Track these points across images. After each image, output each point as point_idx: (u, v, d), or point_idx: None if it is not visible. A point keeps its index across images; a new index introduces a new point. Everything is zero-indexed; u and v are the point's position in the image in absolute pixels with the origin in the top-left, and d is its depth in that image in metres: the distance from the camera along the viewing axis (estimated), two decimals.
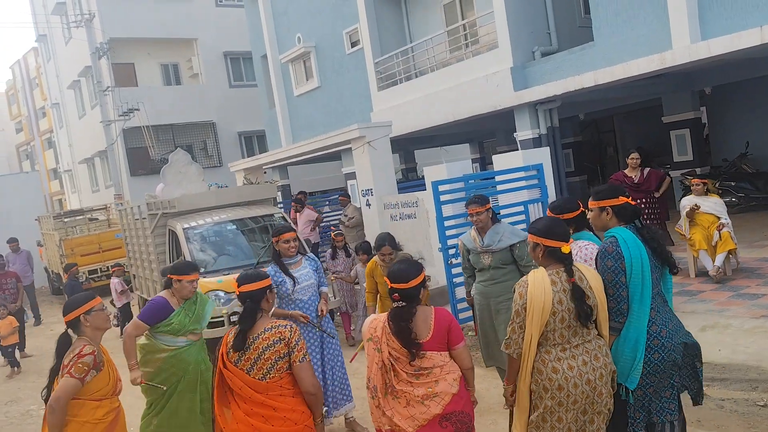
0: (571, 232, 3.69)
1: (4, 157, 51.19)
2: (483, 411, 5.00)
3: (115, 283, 10.74)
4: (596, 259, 3.41)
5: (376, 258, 5.68)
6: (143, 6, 23.09)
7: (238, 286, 3.45)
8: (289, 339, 3.29)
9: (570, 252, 3.25)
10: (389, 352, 3.28)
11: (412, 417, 3.22)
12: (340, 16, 15.87)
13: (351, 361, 5.47)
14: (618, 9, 9.85)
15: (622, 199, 3.46)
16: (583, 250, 3.72)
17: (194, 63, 24.70)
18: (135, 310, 11.14)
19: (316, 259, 5.48)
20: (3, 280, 10.74)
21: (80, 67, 24.45)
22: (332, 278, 7.71)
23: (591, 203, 3.59)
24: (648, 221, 8.28)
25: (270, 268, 5.05)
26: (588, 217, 3.70)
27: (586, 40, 10.66)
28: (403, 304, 3.32)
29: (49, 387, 3.54)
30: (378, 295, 5.80)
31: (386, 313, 3.40)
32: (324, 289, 5.37)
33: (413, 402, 3.23)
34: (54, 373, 3.52)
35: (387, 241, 5.57)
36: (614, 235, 3.38)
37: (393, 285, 3.33)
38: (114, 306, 10.85)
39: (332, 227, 12.13)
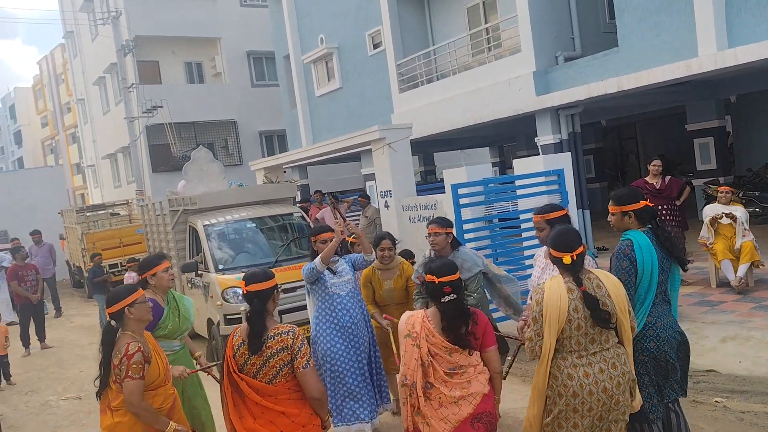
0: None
1: (30, 151, 52.07)
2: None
3: (131, 277, 10.98)
4: (611, 259, 3.56)
5: (374, 264, 5.38)
6: (169, 5, 23.35)
7: (246, 285, 3.37)
8: (291, 345, 3.24)
9: (572, 262, 3.26)
10: (428, 348, 3.28)
11: (445, 419, 3.23)
12: (363, 18, 15.92)
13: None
14: (643, 15, 9.77)
15: (642, 203, 3.62)
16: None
17: (217, 62, 24.92)
18: None
19: (353, 254, 5.39)
20: (24, 272, 10.94)
21: (106, 63, 24.79)
22: None
23: (613, 208, 3.70)
24: (669, 229, 8.20)
25: (306, 266, 4.99)
26: (609, 219, 3.81)
27: (610, 46, 10.58)
28: (455, 296, 3.31)
29: (102, 380, 3.55)
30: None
31: (423, 309, 3.42)
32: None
33: (446, 403, 3.25)
34: (105, 366, 3.53)
35: (387, 236, 5.45)
36: (630, 238, 3.54)
37: (442, 279, 3.31)
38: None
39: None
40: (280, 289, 3.49)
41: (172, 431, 3.47)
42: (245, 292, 3.37)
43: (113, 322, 3.54)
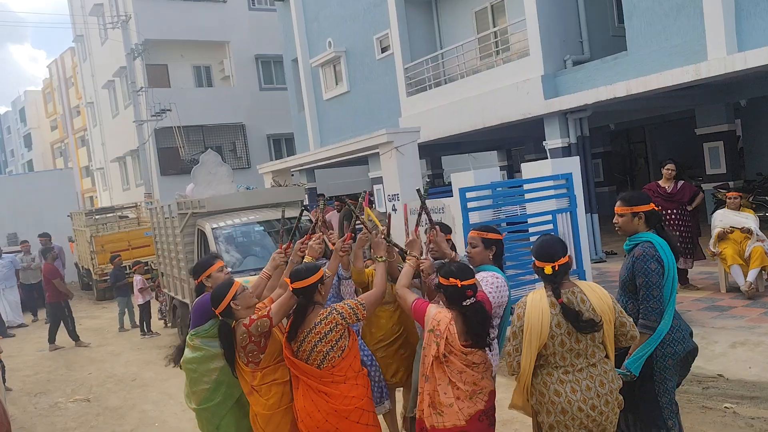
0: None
1: (39, 154, 52.40)
2: (506, 421, 4.96)
3: (137, 280, 11.23)
4: (638, 261, 3.47)
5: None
6: (178, 8, 23.49)
7: (291, 282, 3.53)
8: (343, 319, 3.48)
9: (553, 273, 3.19)
10: (445, 346, 3.29)
11: (461, 411, 3.28)
12: (371, 22, 15.95)
13: None
14: (653, 19, 9.74)
15: (651, 206, 3.61)
16: (494, 278, 3.66)
17: (226, 65, 25.03)
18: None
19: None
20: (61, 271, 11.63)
21: (115, 67, 24.95)
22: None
23: (623, 209, 3.65)
24: (680, 233, 8.17)
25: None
26: (615, 222, 3.74)
27: (619, 50, 10.56)
28: (475, 299, 3.29)
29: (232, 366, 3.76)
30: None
31: (446, 309, 3.36)
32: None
33: (462, 397, 3.29)
34: (230, 359, 3.73)
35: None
36: (649, 240, 3.50)
37: (465, 282, 3.27)
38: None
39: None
40: (326, 278, 3.64)
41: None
42: (291, 289, 3.53)
43: (225, 320, 3.73)
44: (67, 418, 7.07)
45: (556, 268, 3.19)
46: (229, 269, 8.04)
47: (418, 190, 4.25)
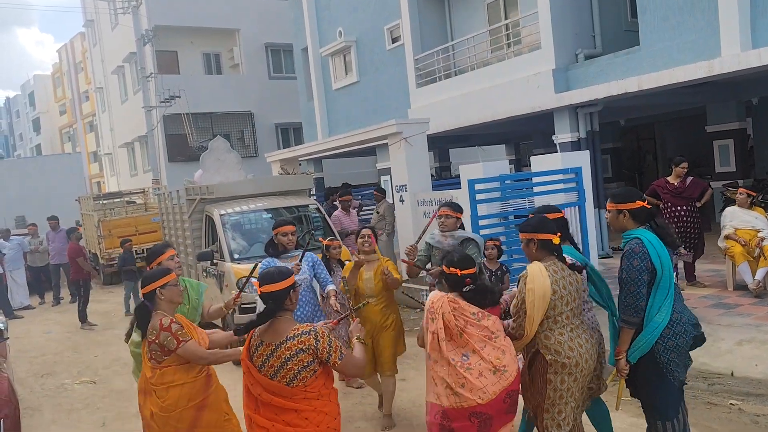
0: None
1: (48, 139, 52.60)
2: None
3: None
4: (623, 257, 3.56)
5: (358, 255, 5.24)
6: None
7: (260, 286, 3.18)
8: (315, 347, 3.07)
9: (559, 244, 3.58)
10: (455, 318, 3.48)
11: (484, 388, 3.38)
12: (382, 12, 15.89)
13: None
14: (666, 14, 9.67)
15: (638, 203, 3.63)
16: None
17: (235, 53, 25.00)
18: None
19: (314, 256, 5.45)
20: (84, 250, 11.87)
21: (125, 53, 24.97)
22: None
23: (609, 205, 3.75)
24: (688, 229, 8.14)
25: (265, 261, 5.12)
26: (606, 217, 3.95)
27: (631, 44, 10.49)
28: (473, 286, 3.60)
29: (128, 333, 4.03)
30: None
31: (444, 293, 3.63)
32: (330, 287, 5.29)
33: (485, 372, 3.41)
34: (127, 338, 3.99)
35: (369, 227, 5.45)
36: (638, 236, 3.54)
37: (464, 272, 3.59)
38: None
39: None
40: (298, 288, 3.30)
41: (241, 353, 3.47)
42: (259, 292, 3.19)
43: (147, 303, 3.73)
44: (73, 399, 7.13)
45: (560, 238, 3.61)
46: (237, 256, 8.10)
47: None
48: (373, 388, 5.56)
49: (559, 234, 3.60)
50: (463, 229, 5.22)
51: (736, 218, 7.99)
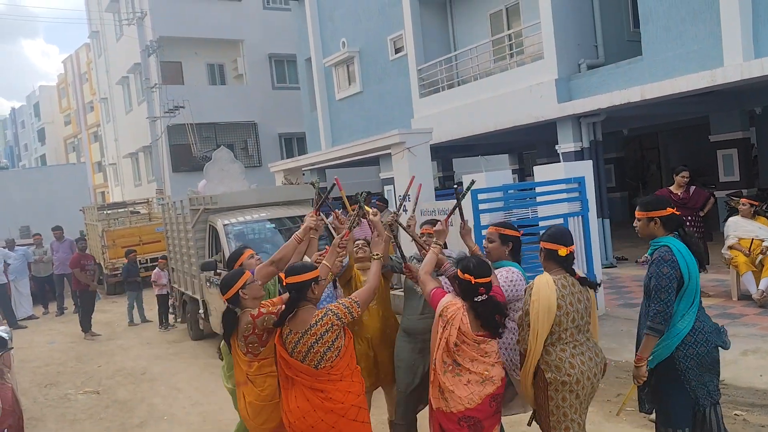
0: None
1: (52, 149, 52.85)
2: (513, 422, 4.95)
3: (156, 274, 11.35)
4: (652, 264, 3.54)
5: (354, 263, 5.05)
6: (193, 6, 23.64)
7: (285, 277, 3.54)
8: (339, 319, 3.44)
9: (567, 255, 3.51)
10: (457, 335, 3.40)
11: (471, 395, 3.37)
12: (385, 23, 15.97)
13: None
14: (668, 24, 9.69)
15: (669, 210, 3.62)
16: (510, 273, 3.86)
17: (239, 64, 25.14)
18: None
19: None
20: (85, 261, 11.69)
21: (130, 63, 25.14)
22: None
23: (639, 213, 3.72)
24: None
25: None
26: (635, 225, 3.81)
27: (634, 54, 10.51)
28: (486, 297, 3.39)
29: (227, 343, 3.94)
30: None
31: (460, 300, 3.47)
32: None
33: (473, 382, 3.39)
34: (228, 344, 3.89)
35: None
36: (667, 244, 3.53)
37: (479, 280, 3.36)
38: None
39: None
40: (322, 282, 3.61)
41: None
42: (284, 284, 3.53)
43: (231, 306, 3.81)
44: (77, 409, 7.13)
45: (569, 252, 3.52)
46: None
47: (456, 188, 4.43)
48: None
49: (570, 248, 3.53)
50: (446, 246, 4.65)
51: (740, 228, 7.98)
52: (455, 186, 10.62)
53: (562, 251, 3.50)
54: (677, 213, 3.66)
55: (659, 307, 3.43)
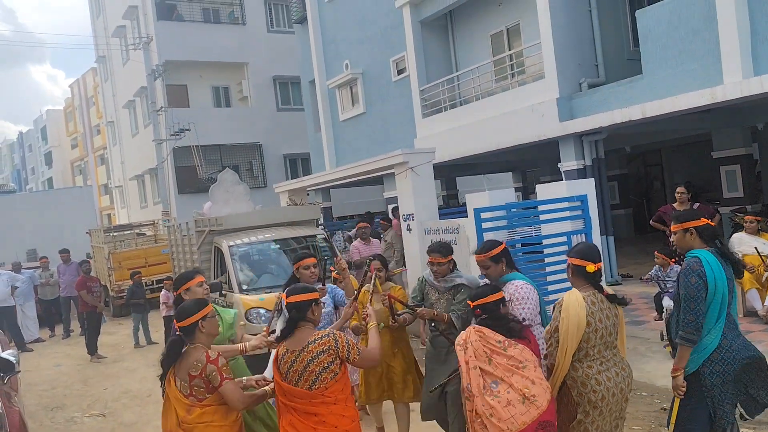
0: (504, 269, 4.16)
1: (59, 172, 53.23)
2: None
3: (164, 295, 11.36)
4: (679, 275, 3.59)
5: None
6: (198, 31, 23.98)
7: (286, 297, 3.56)
8: (336, 347, 3.38)
9: (595, 272, 3.57)
10: (483, 346, 3.48)
11: (512, 418, 3.26)
12: (387, 45, 16.15)
13: None
14: (668, 42, 9.79)
15: (703, 221, 3.66)
16: (519, 290, 3.99)
17: (244, 86, 25.41)
18: None
19: (337, 289, 5.39)
20: (91, 283, 11.83)
21: (136, 87, 25.43)
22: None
23: (674, 227, 3.76)
24: None
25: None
26: (672, 239, 3.87)
27: (634, 73, 10.60)
28: (485, 316, 3.65)
29: (163, 387, 3.64)
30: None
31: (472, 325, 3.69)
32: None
33: (514, 401, 3.31)
34: (163, 377, 3.61)
35: (377, 257, 5.47)
36: (697, 255, 3.55)
37: (475, 303, 3.70)
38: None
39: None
40: (321, 303, 3.65)
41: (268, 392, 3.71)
42: (286, 303, 3.53)
43: (181, 336, 3.57)
44: None
45: (598, 269, 3.59)
46: (245, 287, 8.15)
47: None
48: (374, 418, 5.50)
49: (598, 264, 3.60)
50: (456, 269, 4.81)
51: (744, 244, 7.98)
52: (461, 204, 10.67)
53: (590, 267, 3.56)
54: (712, 224, 3.72)
55: (689, 317, 3.46)
